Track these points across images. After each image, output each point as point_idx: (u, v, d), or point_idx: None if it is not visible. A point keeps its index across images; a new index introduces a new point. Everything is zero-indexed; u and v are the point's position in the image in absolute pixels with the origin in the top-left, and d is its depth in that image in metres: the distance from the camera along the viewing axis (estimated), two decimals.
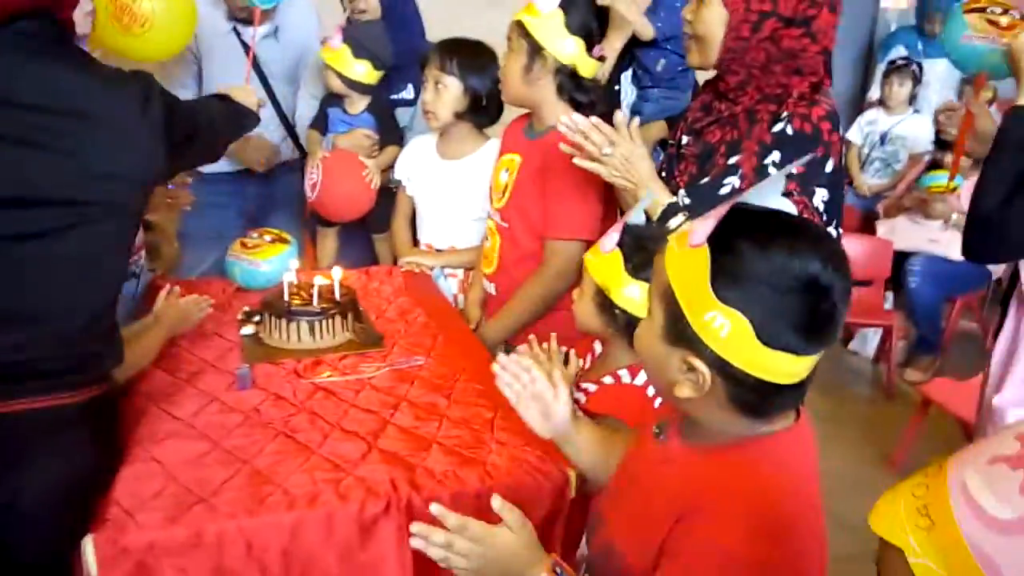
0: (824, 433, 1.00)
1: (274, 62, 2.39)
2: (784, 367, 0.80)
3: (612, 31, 2.13)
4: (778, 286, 0.79)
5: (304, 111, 2.44)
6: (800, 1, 1.29)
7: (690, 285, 0.81)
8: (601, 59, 1.82)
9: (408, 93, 2.41)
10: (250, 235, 2.06)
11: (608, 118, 2.21)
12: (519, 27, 1.72)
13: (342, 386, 1.54)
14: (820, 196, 1.29)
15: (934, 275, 3.28)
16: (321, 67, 2.33)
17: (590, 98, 1.81)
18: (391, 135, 2.37)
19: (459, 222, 2.17)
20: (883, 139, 3.85)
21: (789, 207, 0.93)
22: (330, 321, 1.69)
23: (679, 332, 0.83)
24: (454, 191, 2.15)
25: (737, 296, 0.79)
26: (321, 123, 2.37)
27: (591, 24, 1.79)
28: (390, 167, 2.32)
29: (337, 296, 1.75)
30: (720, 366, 0.81)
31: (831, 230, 1.33)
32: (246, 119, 1.68)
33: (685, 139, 1.47)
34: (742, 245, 0.80)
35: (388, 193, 2.33)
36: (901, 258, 3.45)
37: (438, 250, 2.23)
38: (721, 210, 0.80)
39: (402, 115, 2.47)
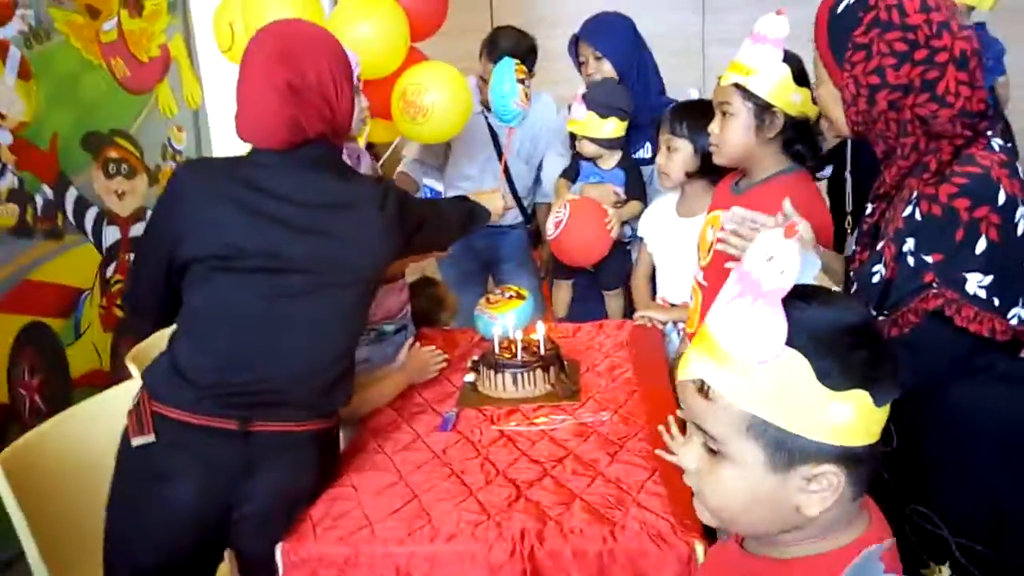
0: None
1: (514, 142, 2.67)
2: (882, 419, 0.76)
3: None
4: (862, 344, 0.75)
5: (550, 171, 2.68)
6: (914, 66, 1.14)
7: (790, 397, 0.73)
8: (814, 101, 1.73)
9: (645, 152, 2.49)
10: (494, 291, 2.31)
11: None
12: (738, 89, 1.70)
13: (524, 435, 1.67)
14: (976, 281, 1.10)
15: None
16: (567, 134, 2.52)
17: (813, 145, 1.75)
18: (636, 190, 2.45)
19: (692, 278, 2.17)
20: None
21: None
22: (531, 373, 1.84)
23: (789, 454, 0.74)
24: (688, 247, 2.16)
25: (848, 377, 0.73)
26: (572, 172, 2.53)
27: (806, 71, 1.72)
28: (628, 221, 2.42)
29: (542, 350, 1.89)
30: (843, 455, 0.74)
31: (1020, 311, 1.12)
32: (478, 219, 1.97)
33: (869, 208, 1.34)
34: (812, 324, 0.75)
35: (622, 250, 2.43)
36: None
37: (672, 304, 2.25)
38: (778, 315, 0.72)
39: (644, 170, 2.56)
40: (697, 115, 2.07)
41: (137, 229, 2.77)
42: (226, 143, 3.33)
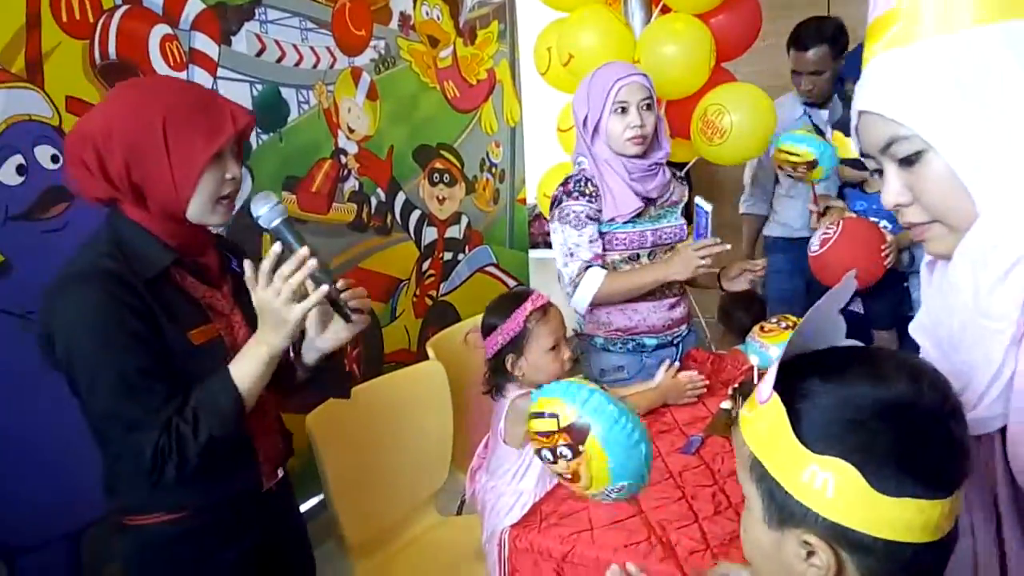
0: None
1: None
2: (913, 519, 0.65)
3: None
4: (873, 419, 0.66)
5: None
6: None
7: (775, 443, 0.70)
8: None
9: None
10: (771, 320, 2.21)
11: None
12: None
13: None
14: None
15: None
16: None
17: None
18: None
19: None
20: None
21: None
22: None
23: (780, 510, 0.70)
24: None
25: (831, 442, 0.67)
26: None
27: None
28: (908, 248, 2.18)
29: None
30: (839, 535, 0.67)
31: None
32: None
33: None
34: (816, 384, 0.70)
35: (899, 283, 2.20)
36: None
37: None
38: (782, 356, 0.73)
39: None
40: None
41: (452, 231, 3.12)
42: (538, 158, 3.60)
